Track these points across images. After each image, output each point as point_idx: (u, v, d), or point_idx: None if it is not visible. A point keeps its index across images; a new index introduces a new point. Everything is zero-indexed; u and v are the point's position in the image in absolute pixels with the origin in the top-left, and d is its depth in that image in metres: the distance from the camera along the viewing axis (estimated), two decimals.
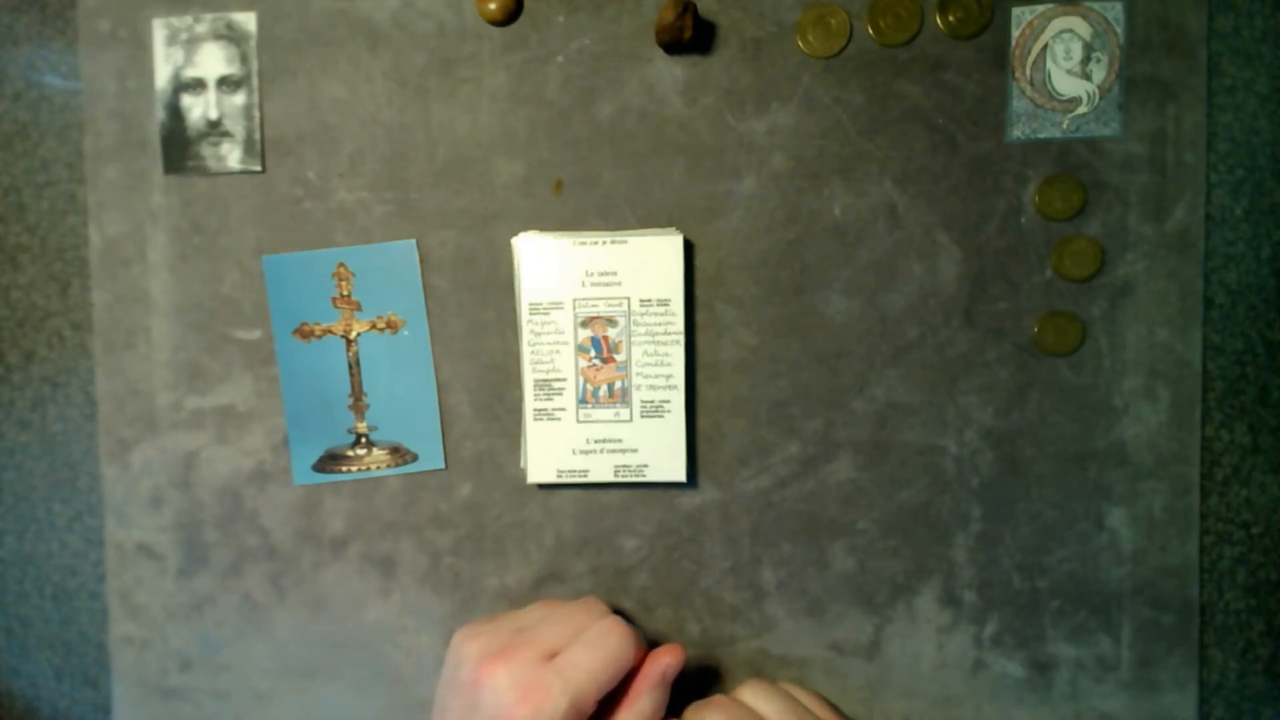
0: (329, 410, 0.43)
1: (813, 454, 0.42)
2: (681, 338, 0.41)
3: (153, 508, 0.44)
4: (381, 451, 0.43)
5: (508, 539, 0.43)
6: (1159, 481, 0.41)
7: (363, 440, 0.43)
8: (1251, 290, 0.41)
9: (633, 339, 0.41)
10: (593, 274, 0.41)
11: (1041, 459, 0.42)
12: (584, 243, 0.40)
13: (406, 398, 0.43)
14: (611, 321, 0.41)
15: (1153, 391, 0.41)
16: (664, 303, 0.40)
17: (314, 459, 0.43)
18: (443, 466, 0.43)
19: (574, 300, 0.41)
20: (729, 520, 0.42)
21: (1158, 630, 0.42)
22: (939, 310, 0.41)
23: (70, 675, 0.45)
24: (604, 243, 0.40)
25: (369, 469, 0.43)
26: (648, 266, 0.40)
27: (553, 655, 0.36)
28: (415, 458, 0.43)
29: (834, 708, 0.41)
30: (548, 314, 0.41)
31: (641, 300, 0.40)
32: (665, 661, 0.38)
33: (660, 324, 0.41)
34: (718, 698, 0.38)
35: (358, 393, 0.43)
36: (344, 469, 0.43)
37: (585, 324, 0.41)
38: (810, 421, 0.42)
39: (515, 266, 0.42)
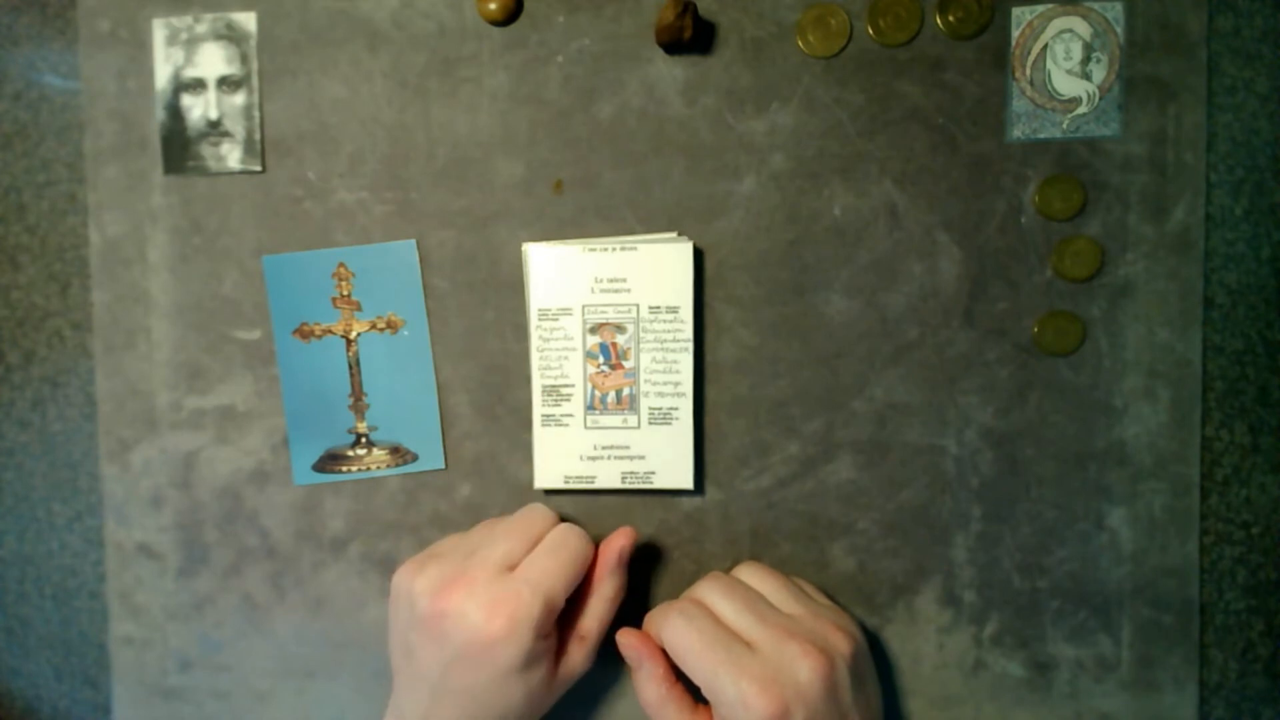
0: (329, 410, 0.43)
1: (813, 454, 0.42)
2: (690, 345, 0.41)
3: (153, 508, 0.44)
4: (381, 451, 0.43)
5: None
6: (1159, 481, 0.41)
7: (363, 440, 0.43)
8: (1251, 290, 0.41)
9: (641, 346, 0.41)
10: (602, 280, 0.41)
11: (1041, 459, 0.42)
12: (594, 249, 0.40)
13: (406, 398, 0.43)
14: (620, 328, 0.41)
15: (1153, 391, 0.41)
16: (673, 310, 0.40)
17: (314, 459, 0.43)
18: (443, 466, 0.43)
19: (583, 306, 0.41)
20: (729, 520, 0.42)
21: (1158, 630, 0.42)
22: (939, 310, 0.41)
23: (70, 675, 0.45)
24: (613, 249, 0.40)
25: (369, 469, 0.43)
26: (657, 274, 0.40)
27: (511, 568, 0.37)
28: (415, 458, 0.43)
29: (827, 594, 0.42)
30: (556, 320, 0.41)
31: (651, 307, 0.40)
32: (619, 545, 0.39)
33: (669, 331, 0.41)
34: (683, 599, 0.39)
35: (358, 393, 0.43)
36: (344, 469, 0.43)
37: (594, 330, 0.41)
38: (810, 421, 0.42)
39: (525, 272, 0.42)
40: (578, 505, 0.43)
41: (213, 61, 0.42)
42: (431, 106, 0.42)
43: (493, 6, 0.41)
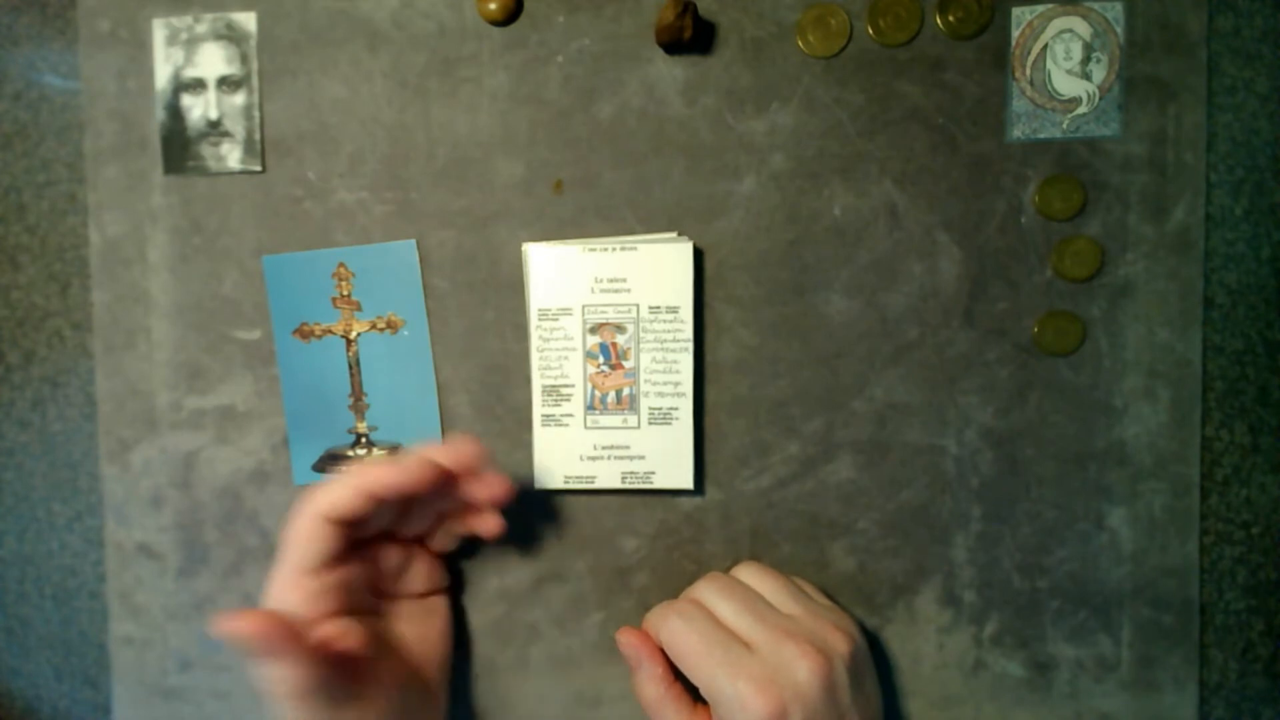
0: (329, 410, 0.43)
1: (813, 454, 0.42)
2: (690, 345, 0.41)
3: (153, 508, 0.44)
4: (381, 451, 0.43)
5: (507, 539, 0.43)
6: (1159, 481, 0.41)
7: (363, 440, 0.43)
8: (1251, 290, 0.41)
9: (641, 346, 0.41)
10: (602, 280, 0.41)
11: (1041, 459, 0.42)
12: (593, 249, 0.40)
13: (406, 398, 0.43)
14: (620, 328, 0.41)
15: (1153, 391, 0.41)
16: (673, 310, 0.40)
17: (314, 459, 0.43)
18: None
19: (583, 306, 0.41)
20: (729, 520, 0.42)
21: (1158, 630, 0.42)
22: (939, 310, 0.41)
23: (70, 675, 0.45)
24: (613, 249, 0.40)
25: None
26: (657, 273, 0.40)
27: None
28: None
29: (827, 594, 0.42)
30: (556, 320, 0.41)
31: (650, 307, 0.40)
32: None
33: (669, 331, 0.41)
34: (682, 599, 0.39)
35: (358, 393, 0.43)
36: (344, 469, 0.43)
37: (594, 330, 0.41)
38: (810, 421, 0.42)
39: (525, 272, 0.42)
40: (578, 505, 0.43)
41: (213, 61, 0.42)
42: (431, 106, 0.42)
43: (493, 6, 0.41)
